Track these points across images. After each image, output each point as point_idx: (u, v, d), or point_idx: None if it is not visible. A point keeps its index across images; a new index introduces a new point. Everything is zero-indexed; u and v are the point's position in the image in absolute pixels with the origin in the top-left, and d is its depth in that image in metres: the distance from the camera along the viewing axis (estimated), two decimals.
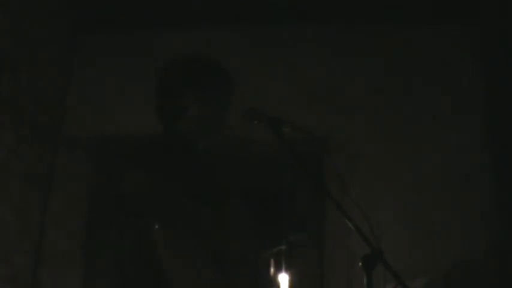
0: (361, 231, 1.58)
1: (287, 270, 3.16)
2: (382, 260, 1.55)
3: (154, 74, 2.05)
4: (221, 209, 1.85)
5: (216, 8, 3.89)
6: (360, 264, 1.55)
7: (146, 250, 1.68)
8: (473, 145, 3.69)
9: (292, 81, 3.91)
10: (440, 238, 3.45)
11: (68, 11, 3.97)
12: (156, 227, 1.65)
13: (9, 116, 3.29)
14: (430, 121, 3.77)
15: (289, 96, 3.82)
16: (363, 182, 3.51)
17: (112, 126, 3.80)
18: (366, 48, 3.98)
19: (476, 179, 3.60)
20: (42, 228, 3.62)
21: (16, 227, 3.34)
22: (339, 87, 3.92)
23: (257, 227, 1.95)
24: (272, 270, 3.13)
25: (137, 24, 3.99)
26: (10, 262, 3.26)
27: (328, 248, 3.66)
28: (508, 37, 3.65)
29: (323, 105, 3.85)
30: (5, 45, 3.25)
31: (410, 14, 3.91)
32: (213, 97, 2.03)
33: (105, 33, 4.05)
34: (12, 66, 3.32)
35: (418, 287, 2.55)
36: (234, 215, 1.88)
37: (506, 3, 3.61)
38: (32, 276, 3.49)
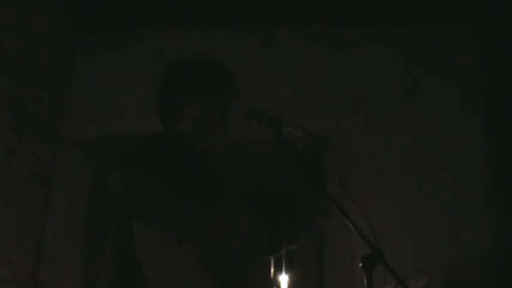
0: (361, 231, 1.58)
1: (287, 270, 3.16)
2: (382, 260, 1.55)
3: (155, 74, 2.05)
4: (221, 208, 1.84)
5: (216, 8, 3.89)
6: (360, 264, 1.55)
7: (128, 249, 1.68)
8: (474, 145, 3.69)
9: (292, 81, 3.91)
10: (440, 238, 3.45)
11: (68, 11, 3.97)
12: (138, 227, 1.65)
13: (9, 116, 3.29)
14: (430, 121, 3.77)
15: (289, 96, 3.82)
16: (363, 182, 3.51)
17: (112, 126, 3.81)
18: (366, 48, 3.98)
19: (476, 178, 3.60)
20: (42, 228, 3.62)
21: (16, 227, 3.34)
22: (339, 87, 3.92)
23: (257, 227, 1.94)
24: (272, 270, 3.13)
25: (137, 24, 3.99)
26: (10, 262, 3.26)
27: (328, 248, 3.65)
28: (508, 37, 3.65)
29: (323, 105, 3.85)
30: (5, 45, 3.25)
31: (410, 14, 3.91)
32: (214, 97, 2.04)
33: (105, 33, 4.05)
34: (12, 66, 3.31)
35: (418, 287, 2.54)
36: (234, 215, 1.87)
37: (506, 3, 3.61)
38: (32, 276, 3.49)
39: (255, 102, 1.99)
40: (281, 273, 3.18)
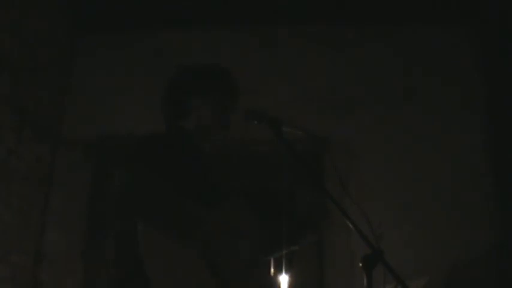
0: (361, 231, 1.58)
1: (287, 270, 3.16)
2: (382, 260, 1.55)
3: (155, 74, 2.06)
4: (221, 208, 1.85)
5: (216, 8, 3.89)
6: (360, 264, 1.55)
7: (130, 250, 1.69)
8: (474, 145, 3.69)
9: (292, 81, 3.91)
10: (440, 238, 3.45)
11: (68, 11, 3.97)
12: (139, 227, 1.65)
13: (9, 116, 3.29)
14: (430, 121, 3.77)
15: (289, 96, 3.82)
16: (363, 182, 3.51)
17: (112, 126, 3.81)
18: (366, 48, 3.98)
19: (476, 178, 3.60)
20: (42, 228, 3.62)
21: (16, 227, 3.34)
22: (339, 87, 3.92)
23: (257, 227, 1.95)
24: (272, 270, 3.13)
25: (137, 24, 3.99)
26: (10, 262, 3.26)
27: (328, 248, 3.65)
28: (508, 37, 3.65)
29: (323, 105, 3.85)
30: (5, 45, 3.25)
31: (410, 14, 3.91)
32: (216, 99, 2.05)
33: (105, 33, 4.05)
34: (12, 66, 3.31)
35: (418, 287, 2.54)
36: (234, 215, 1.88)
37: (506, 3, 3.61)
38: (32, 276, 3.49)
39: (255, 102, 1.99)
40: (281, 273, 3.18)
